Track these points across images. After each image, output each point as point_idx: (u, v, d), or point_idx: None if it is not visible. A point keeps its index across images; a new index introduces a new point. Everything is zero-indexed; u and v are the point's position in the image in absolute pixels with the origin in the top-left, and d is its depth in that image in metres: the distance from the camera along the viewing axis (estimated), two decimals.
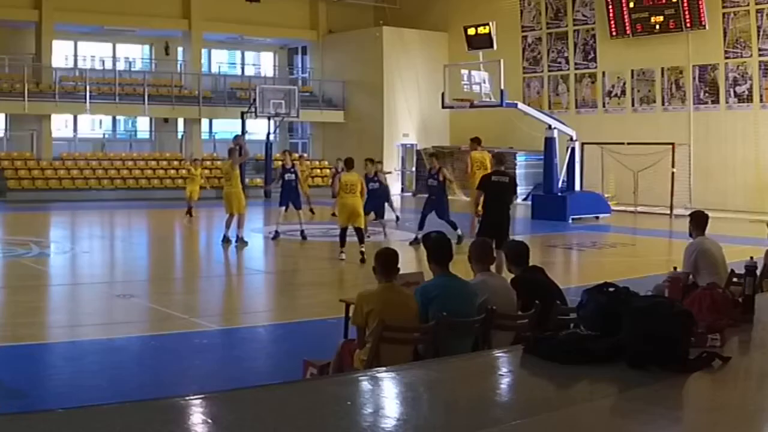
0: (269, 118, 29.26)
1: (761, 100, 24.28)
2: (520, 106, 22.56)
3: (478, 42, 21.84)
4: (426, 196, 16.57)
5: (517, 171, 26.82)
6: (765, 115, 24.14)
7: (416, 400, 3.48)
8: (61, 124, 30.60)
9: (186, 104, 30.34)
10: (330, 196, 16.69)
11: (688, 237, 8.09)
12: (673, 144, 23.06)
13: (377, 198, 16.26)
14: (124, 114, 31.25)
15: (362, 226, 13.91)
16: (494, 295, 5.60)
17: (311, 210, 21.51)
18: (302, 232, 16.87)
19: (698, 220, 7.98)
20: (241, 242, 15.95)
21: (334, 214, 19.41)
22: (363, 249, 13.55)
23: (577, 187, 22.70)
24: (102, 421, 2.95)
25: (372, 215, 16.17)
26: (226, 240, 15.94)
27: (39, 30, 28.60)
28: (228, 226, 16.09)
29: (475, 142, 17.17)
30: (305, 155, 32.88)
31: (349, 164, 14.51)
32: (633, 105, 27.38)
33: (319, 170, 32.53)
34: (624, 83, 27.58)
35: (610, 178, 25.32)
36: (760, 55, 24.17)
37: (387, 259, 5.42)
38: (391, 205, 18.89)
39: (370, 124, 31.73)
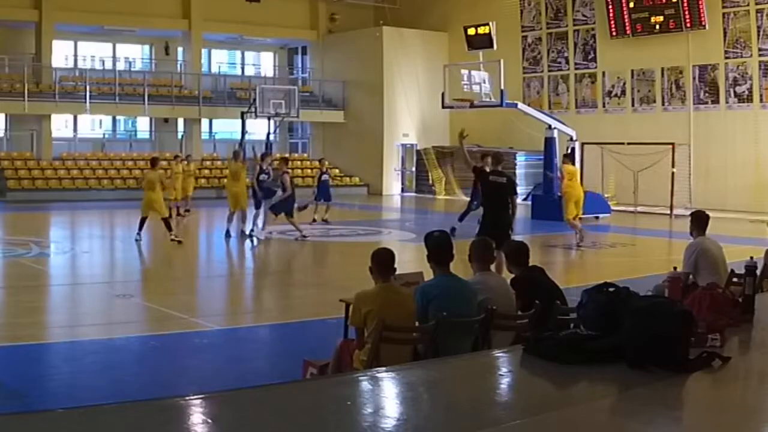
0: (269, 118, 29.26)
1: (761, 100, 24.28)
2: (520, 106, 22.58)
3: (478, 42, 21.88)
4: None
5: (517, 171, 26.84)
6: (765, 115, 24.14)
7: (416, 400, 3.48)
8: (61, 124, 30.60)
9: (186, 104, 30.34)
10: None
11: (688, 237, 8.08)
12: (673, 144, 23.07)
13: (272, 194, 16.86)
14: (124, 114, 31.26)
15: (166, 216, 15.92)
16: (493, 295, 5.60)
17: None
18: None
19: (699, 220, 7.96)
20: (244, 236, 16.84)
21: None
22: (172, 237, 15.56)
23: None
24: (102, 421, 2.95)
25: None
26: (228, 234, 16.73)
27: (39, 30, 28.61)
28: (230, 221, 16.87)
29: (568, 158, 18.23)
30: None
31: (153, 163, 16.25)
32: (633, 105, 27.39)
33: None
34: (624, 83, 27.59)
35: (610, 178, 25.33)
36: (760, 55, 24.17)
37: (383, 259, 5.40)
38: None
39: (370, 124, 31.74)
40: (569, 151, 20.33)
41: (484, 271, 5.91)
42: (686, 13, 24.85)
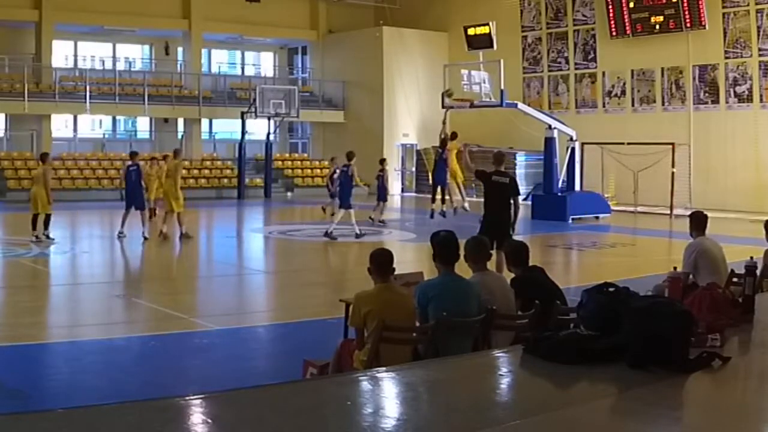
0: (269, 118, 29.26)
1: (761, 100, 24.28)
2: (520, 106, 22.56)
3: (478, 42, 21.84)
4: None
5: (517, 171, 26.84)
6: (765, 115, 24.14)
7: (416, 400, 3.48)
8: (61, 124, 30.59)
9: (186, 104, 30.33)
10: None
11: (688, 237, 8.09)
12: (673, 144, 23.06)
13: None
14: (124, 114, 31.25)
15: (45, 213, 15.60)
16: (492, 295, 5.59)
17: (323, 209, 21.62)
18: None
19: (698, 221, 7.97)
20: (186, 237, 16.36)
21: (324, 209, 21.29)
22: (35, 235, 15.37)
23: (577, 187, 22.70)
24: (102, 421, 2.95)
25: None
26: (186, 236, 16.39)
27: (39, 30, 28.59)
28: (180, 222, 16.47)
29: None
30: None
31: (42, 158, 16.00)
32: (633, 105, 27.39)
33: (319, 170, 32.61)
34: (624, 83, 27.58)
35: (610, 178, 25.32)
36: (760, 55, 24.17)
37: (382, 260, 5.41)
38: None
39: (370, 124, 31.74)
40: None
41: (482, 270, 5.90)
42: (686, 13, 24.84)
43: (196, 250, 17.30)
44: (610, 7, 26.81)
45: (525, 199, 25.08)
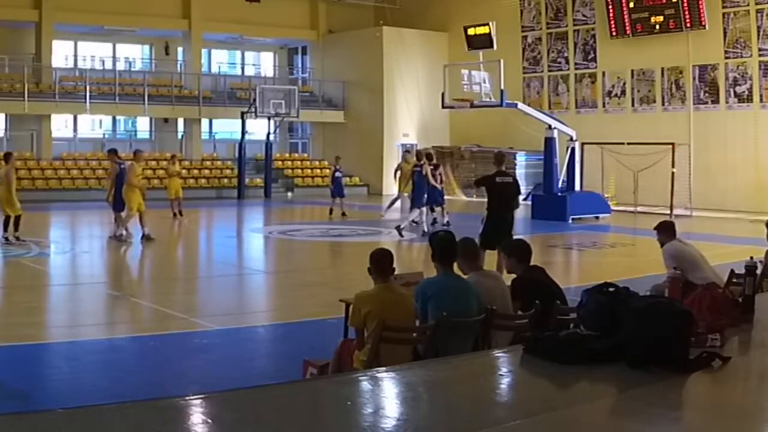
0: (269, 118, 29.26)
1: (761, 100, 24.28)
2: (520, 106, 22.56)
3: (478, 42, 21.84)
4: None
5: (517, 171, 26.84)
6: (765, 115, 24.14)
7: (416, 400, 3.48)
8: (61, 124, 30.59)
9: (186, 104, 30.33)
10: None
11: (687, 237, 8.16)
12: (673, 144, 23.04)
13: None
14: (124, 114, 31.25)
15: (15, 215, 15.07)
16: (489, 295, 5.58)
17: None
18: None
19: (667, 229, 8.31)
20: (148, 239, 15.79)
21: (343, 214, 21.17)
22: (17, 236, 14.96)
23: (577, 187, 22.71)
24: (102, 421, 2.95)
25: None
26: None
27: (39, 30, 28.59)
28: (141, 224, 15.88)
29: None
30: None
31: (6, 158, 15.64)
32: (633, 105, 27.39)
33: (319, 170, 32.62)
34: (624, 83, 27.58)
35: (610, 178, 25.32)
36: (760, 55, 24.17)
37: (381, 260, 5.41)
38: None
39: (370, 124, 31.74)
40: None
41: (477, 270, 5.89)
42: (686, 13, 24.84)
43: (196, 251, 17.30)
44: (610, 7, 26.81)
45: (525, 199, 25.13)
